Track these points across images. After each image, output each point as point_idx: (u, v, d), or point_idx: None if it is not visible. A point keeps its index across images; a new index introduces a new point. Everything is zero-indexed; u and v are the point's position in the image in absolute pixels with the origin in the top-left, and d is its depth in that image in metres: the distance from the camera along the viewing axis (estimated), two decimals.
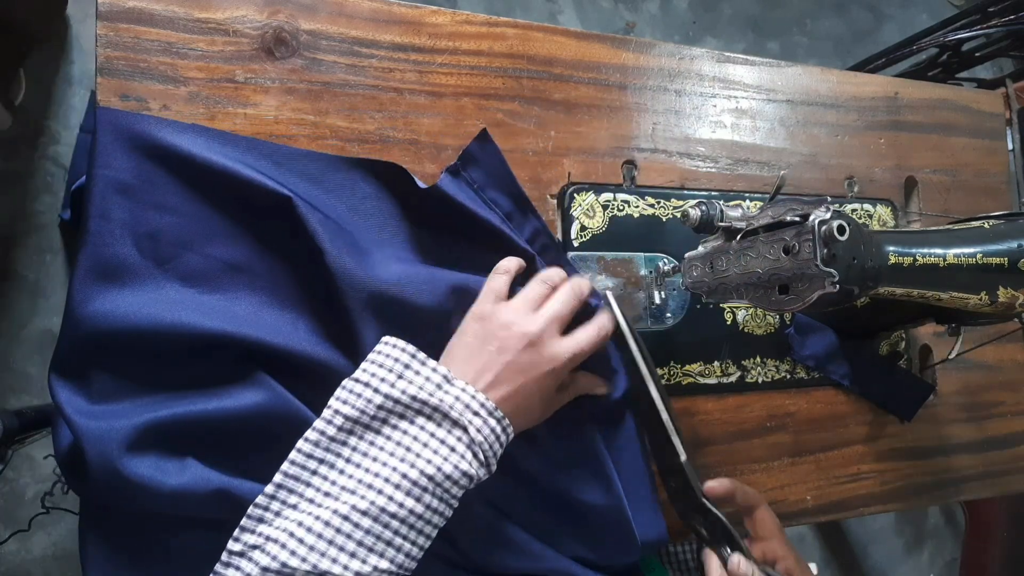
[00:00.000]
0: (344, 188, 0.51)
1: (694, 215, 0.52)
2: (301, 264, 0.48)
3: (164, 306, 0.44)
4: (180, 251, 0.46)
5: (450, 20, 0.58)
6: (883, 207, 0.72)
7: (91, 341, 0.43)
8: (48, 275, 1.11)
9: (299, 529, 0.38)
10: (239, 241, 0.48)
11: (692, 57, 0.67)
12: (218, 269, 0.47)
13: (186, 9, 0.50)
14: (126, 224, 0.45)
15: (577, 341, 0.48)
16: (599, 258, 0.60)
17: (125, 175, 0.45)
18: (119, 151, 0.45)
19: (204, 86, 0.50)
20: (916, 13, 2.05)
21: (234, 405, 0.44)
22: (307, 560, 0.37)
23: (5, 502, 1.05)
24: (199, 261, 0.47)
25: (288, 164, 0.50)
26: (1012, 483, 0.75)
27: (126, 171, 0.45)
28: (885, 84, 0.75)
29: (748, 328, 0.65)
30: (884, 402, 0.69)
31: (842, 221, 0.42)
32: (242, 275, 0.48)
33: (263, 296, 0.48)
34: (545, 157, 0.59)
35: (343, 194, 0.51)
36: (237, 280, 0.47)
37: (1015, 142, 0.82)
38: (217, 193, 0.47)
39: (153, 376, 0.44)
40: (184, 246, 0.46)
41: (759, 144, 0.68)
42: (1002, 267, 0.50)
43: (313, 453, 0.40)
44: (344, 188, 0.51)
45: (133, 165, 0.45)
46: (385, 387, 0.41)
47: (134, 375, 0.44)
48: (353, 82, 0.54)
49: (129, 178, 0.45)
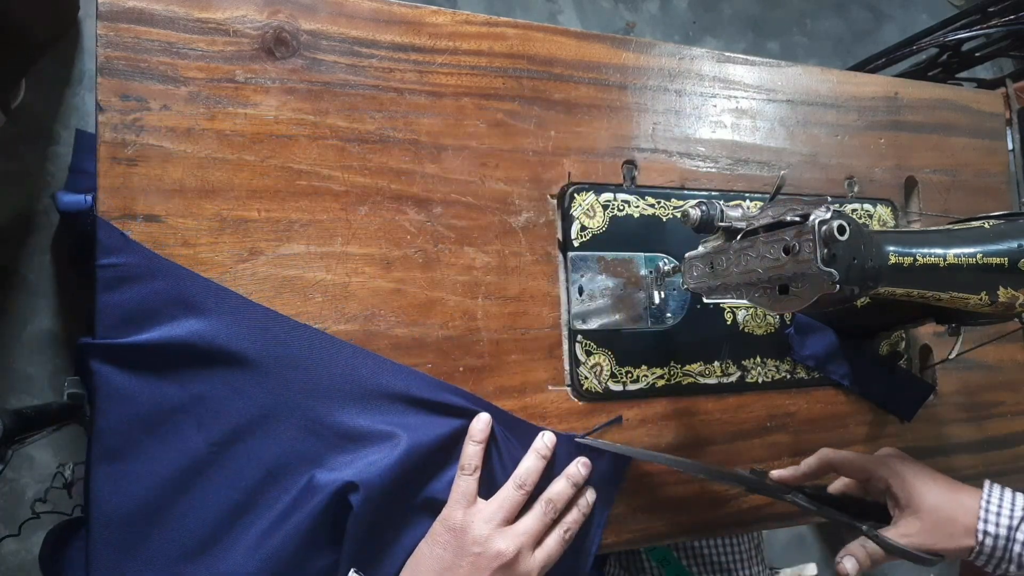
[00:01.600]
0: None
1: (694, 215, 0.52)
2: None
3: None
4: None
5: (450, 20, 0.58)
6: (883, 207, 0.72)
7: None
8: (48, 275, 1.11)
9: None
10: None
11: (692, 57, 0.67)
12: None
13: (186, 9, 0.50)
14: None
15: (548, 552, 0.49)
16: (599, 258, 0.60)
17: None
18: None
19: (204, 86, 0.50)
20: (916, 13, 2.05)
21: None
22: None
23: (5, 502, 1.05)
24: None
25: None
26: (1012, 483, 0.74)
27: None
28: (885, 84, 0.75)
29: (748, 328, 0.65)
30: (884, 402, 0.69)
31: (842, 221, 0.42)
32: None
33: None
34: (545, 157, 0.59)
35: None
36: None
37: (1015, 142, 0.81)
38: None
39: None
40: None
41: (759, 144, 0.68)
42: (1002, 267, 0.50)
43: None
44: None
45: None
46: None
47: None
48: (353, 82, 0.54)
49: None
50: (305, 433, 0.48)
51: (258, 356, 0.48)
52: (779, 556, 1.53)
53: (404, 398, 0.51)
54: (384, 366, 0.51)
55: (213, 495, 0.46)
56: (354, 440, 0.49)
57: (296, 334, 0.49)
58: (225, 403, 0.47)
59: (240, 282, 0.49)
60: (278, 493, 0.47)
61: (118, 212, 0.47)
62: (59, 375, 1.09)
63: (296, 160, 0.52)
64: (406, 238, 0.54)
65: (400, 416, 0.51)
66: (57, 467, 0.61)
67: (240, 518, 0.47)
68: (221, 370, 0.47)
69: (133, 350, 0.45)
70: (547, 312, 0.58)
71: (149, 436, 0.45)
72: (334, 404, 0.49)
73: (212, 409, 0.47)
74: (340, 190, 0.53)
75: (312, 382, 0.49)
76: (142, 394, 0.46)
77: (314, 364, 0.49)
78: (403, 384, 0.51)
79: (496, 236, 0.57)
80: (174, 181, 0.49)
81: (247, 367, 0.48)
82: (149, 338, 0.46)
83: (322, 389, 0.49)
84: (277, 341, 0.49)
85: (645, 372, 0.60)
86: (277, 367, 0.48)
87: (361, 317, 0.52)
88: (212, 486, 0.46)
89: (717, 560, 0.74)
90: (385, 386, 0.51)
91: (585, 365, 0.58)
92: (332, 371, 0.50)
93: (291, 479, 0.48)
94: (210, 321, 0.47)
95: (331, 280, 0.52)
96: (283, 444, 0.48)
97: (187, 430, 0.46)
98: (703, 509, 0.61)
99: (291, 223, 0.51)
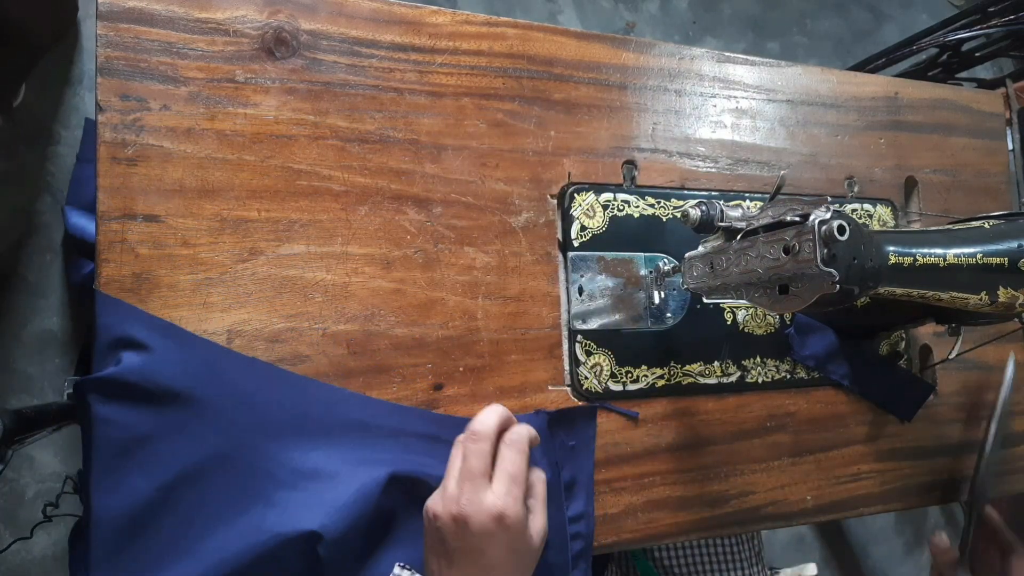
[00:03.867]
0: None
1: (694, 215, 0.52)
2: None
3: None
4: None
5: (450, 20, 0.58)
6: (883, 207, 0.72)
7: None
8: (48, 275, 1.11)
9: None
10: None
11: (692, 57, 0.67)
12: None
13: (186, 9, 0.50)
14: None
15: (506, 471, 0.45)
16: (599, 258, 0.60)
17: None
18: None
19: (204, 86, 0.50)
20: (916, 13, 2.05)
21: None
22: None
23: (5, 502, 1.05)
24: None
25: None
26: (1012, 483, 0.75)
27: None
28: (885, 84, 0.75)
29: (748, 328, 0.65)
30: (884, 402, 0.69)
31: (842, 221, 0.42)
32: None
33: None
34: (545, 157, 0.59)
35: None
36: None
37: (1015, 142, 0.81)
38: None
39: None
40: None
41: (759, 144, 0.68)
42: (1002, 267, 0.50)
43: None
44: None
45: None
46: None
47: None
48: (353, 82, 0.54)
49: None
50: (257, 472, 0.46)
51: (205, 394, 0.46)
52: (779, 556, 1.54)
53: (362, 428, 0.49)
54: (339, 396, 0.49)
55: (163, 539, 0.44)
56: (310, 478, 0.47)
57: (248, 371, 0.47)
58: (172, 445, 0.45)
59: (240, 282, 0.49)
60: (228, 534, 0.45)
61: (118, 212, 0.47)
62: (59, 375, 1.09)
63: (296, 160, 0.52)
64: (406, 238, 0.54)
65: (358, 449, 0.48)
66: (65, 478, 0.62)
67: (189, 562, 0.44)
68: (166, 410, 0.45)
69: (94, 383, 0.44)
70: (547, 312, 0.58)
71: (96, 483, 0.44)
72: (287, 440, 0.47)
73: (156, 452, 0.44)
74: (340, 190, 0.53)
75: (263, 418, 0.47)
76: (93, 435, 0.44)
77: (266, 400, 0.47)
78: (360, 414, 0.49)
79: (496, 236, 0.57)
80: (174, 181, 0.49)
81: (193, 406, 0.45)
82: (100, 374, 0.44)
83: (274, 425, 0.47)
84: (225, 379, 0.46)
85: (645, 372, 0.60)
86: (226, 405, 0.46)
87: (361, 317, 0.52)
88: (164, 530, 0.44)
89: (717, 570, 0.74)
90: (341, 417, 0.49)
91: (585, 365, 0.58)
92: (283, 405, 0.48)
93: (243, 520, 0.45)
94: (152, 358, 0.45)
95: (331, 280, 0.52)
96: (234, 485, 0.46)
97: (133, 474, 0.44)
98: (703, 509, 0.61)
99: (291, 223, 0.51)
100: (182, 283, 0.48)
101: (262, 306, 0.50)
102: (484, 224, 0.57)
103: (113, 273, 0.46)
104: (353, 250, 0.52)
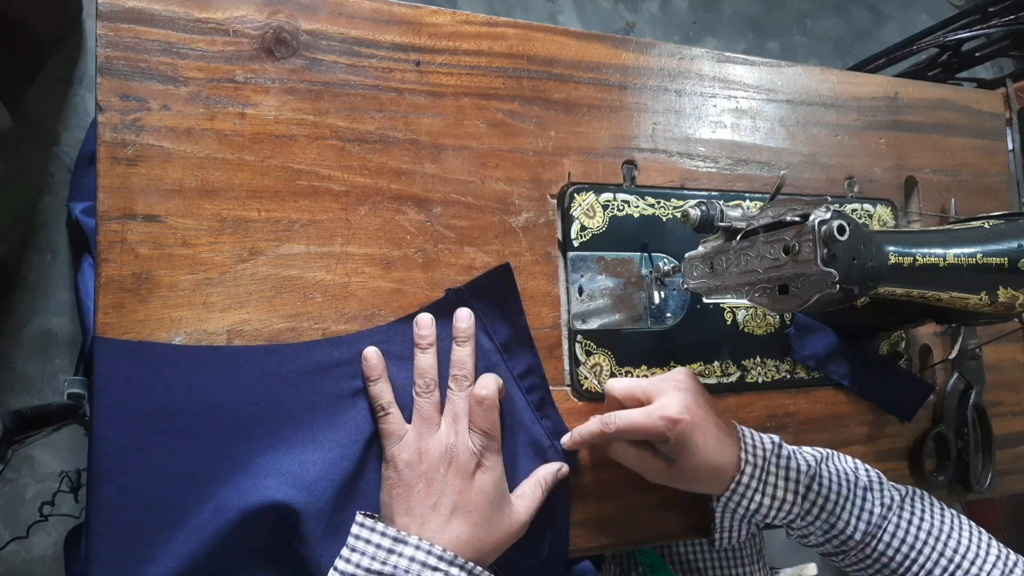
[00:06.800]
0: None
1: (694, 215, 0.52)
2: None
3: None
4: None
5: (450, 20, 0.58)
6: (883, 207, 0.72)
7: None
8: (48, 275, 1.11)
9: None
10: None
11: (692, 57, 0.67)
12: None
13: (186, 9, 0.50)
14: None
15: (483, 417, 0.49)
16: (599, 258, 0.60)
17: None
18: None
19: (204, 86, 0.50)
20: (916, 13, 2.05)
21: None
22: None
23: (5, 502, 1.05)
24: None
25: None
26: (1012, 483, 0.75)
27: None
28: (885, 84, 0.75)
29: (748, 328, 0.65)
30: (884, 402, 0.69)
31: (842, 221, 0.42)
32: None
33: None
34: (545, 157, 0.59)
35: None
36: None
37: (1015, 142, 0.81)
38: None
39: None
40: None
41: (759, 144, 0.68)
42: (1002, 267, 0.50)
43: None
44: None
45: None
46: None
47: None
48: (353, 82, 0.54)
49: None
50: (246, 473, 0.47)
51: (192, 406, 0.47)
52: (779, 556, 1.53)
53: (275, 376, 0.49)
54: (242, 353, 0.49)
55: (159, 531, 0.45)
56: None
57: (225, 366, 0.48)
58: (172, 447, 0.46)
59: (240, 282, 0.49)
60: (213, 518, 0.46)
61: (118, 212, 0.47)
62: (59, 375, 1.09)
63: (296, 160, 0.52)
64: (406, 238, 0.54)
65: (279, 392, 0.49)
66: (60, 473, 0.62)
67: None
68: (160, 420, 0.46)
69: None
70: (547, 312, 0.58)
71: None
72: (259, 439, 0.48)
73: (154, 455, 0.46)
74: (340, 190, 0.53)
75: (238, 418, 0.47)
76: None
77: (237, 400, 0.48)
78: (272, 363, 0.49)
79: (496, 236, 0.57)
80: (174, 181, 0.49)
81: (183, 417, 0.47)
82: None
83: (246, 424, 0.48)
84: (206, 384, 0.47)
85: (645, 372, 0.60)
86: (212, 412, 0.47)
87: (361, 317, 0.52)
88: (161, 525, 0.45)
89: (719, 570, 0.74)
90: (257, 370, 0.49)
91: (585, 365, 0.58)
92: (247, 397, 0.48)
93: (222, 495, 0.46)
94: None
95: (331, 280, 0.52)
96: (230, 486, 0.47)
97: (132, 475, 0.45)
98: (703, 509, 0.61)
99: (291, 223, 0.51)
100: (182, 283, 0.48)
101: (262, 306, 0.50)
102: (484, 224, 0.57)
103: (113, 273, 0.46)
104: (353, 250, 0.52)
